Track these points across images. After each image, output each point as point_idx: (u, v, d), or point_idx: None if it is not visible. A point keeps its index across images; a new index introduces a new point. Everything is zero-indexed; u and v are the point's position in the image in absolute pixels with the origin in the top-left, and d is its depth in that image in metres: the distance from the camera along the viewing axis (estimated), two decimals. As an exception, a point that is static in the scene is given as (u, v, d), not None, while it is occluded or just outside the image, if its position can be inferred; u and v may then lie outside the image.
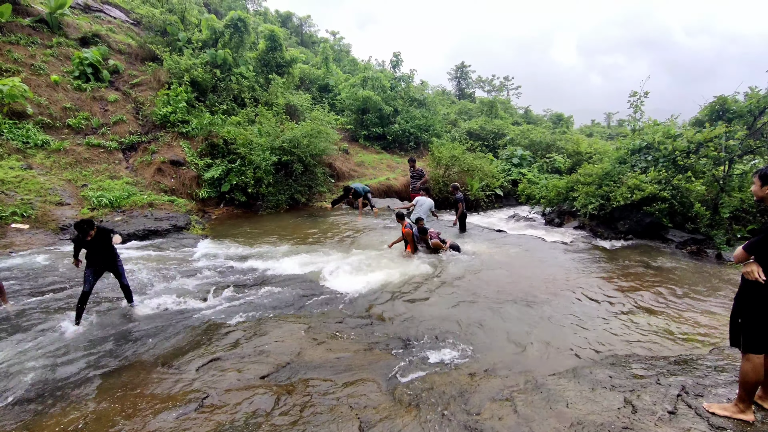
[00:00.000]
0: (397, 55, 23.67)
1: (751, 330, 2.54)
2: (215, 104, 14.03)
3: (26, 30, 12.59)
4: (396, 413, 2.95)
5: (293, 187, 12.73)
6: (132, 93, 13.14)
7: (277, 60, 17.03)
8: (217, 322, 4.65)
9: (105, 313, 4.92)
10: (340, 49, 32.70)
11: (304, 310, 5.15)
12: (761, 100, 9.36)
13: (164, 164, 11.53)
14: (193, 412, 2.96)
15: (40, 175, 9.44)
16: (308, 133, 12.86)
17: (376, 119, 20.21)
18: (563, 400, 3.02)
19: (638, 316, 5.16)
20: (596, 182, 10.74)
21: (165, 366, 3.68)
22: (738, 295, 2.67)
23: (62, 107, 11.39)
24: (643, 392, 3.05)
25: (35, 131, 10.45)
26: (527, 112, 38.54)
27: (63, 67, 12.37)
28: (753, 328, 2.54)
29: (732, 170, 9.75)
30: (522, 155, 18.43)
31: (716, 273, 7.30)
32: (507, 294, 5.82)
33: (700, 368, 3.47)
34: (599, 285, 6.38)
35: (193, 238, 9.01)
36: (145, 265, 6.94)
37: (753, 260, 2.55)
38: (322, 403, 3.09)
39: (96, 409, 3.04)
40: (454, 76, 44.27)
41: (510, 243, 8.93)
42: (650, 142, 10.60)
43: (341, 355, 3.91)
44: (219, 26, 15.21)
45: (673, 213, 9.52)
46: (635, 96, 11.79)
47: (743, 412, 2.59)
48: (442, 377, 3.50)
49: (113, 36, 14.79)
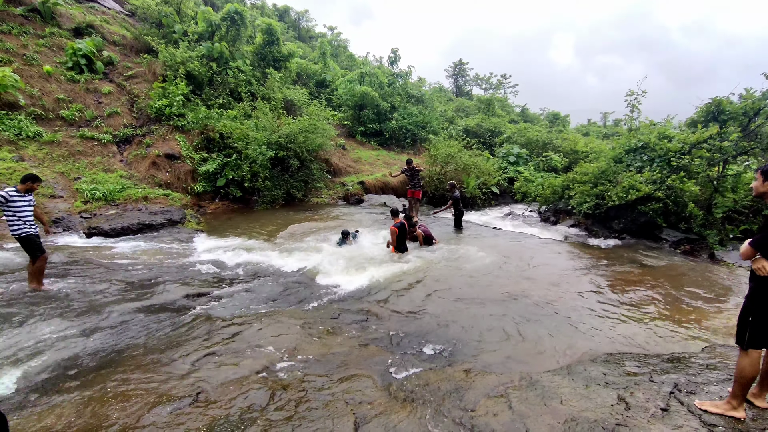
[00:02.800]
0: (395, 51, 23.61)
1: (760, 325, 2.52)
2: (211, 98, 13.91)
3: (18, 19, 12.38)
4: (391, 409, 2.95)
5: (289, 183, 12.68)
6: (126, 85, 12.99)
7: (275, 54, 16.91)
8: (212, 316, 4.63)
9: (99, 306, 4.87)
10: (337, 45, 32.54)
11: (299, 305, 5.14)
12: (756, 101, 9.43)
13: (159, 158, 11.42)
14: (187, 406, 2.94)
15: (32, 167, 9.31)
16: (305, 129, 12.80)
17: (373, 115, 20.16)
18: (558, 396, 3.04)
19: (632, 314, 5.20)
20: (592, 181, 10.79)
21: (159, 360, 3.66)
22: (750, 294, 2.63)
23: (55, 99, 11.23)
24: (637, 389, 3.07)
25: (27, 123, 10.30)
26: (524, 110, 38.63)
27: (56, 58, 12.18)
28: (762, 324, 2.51)
29: (726, 171, 9.84)
30: (519, 153, 18.47)
31: (709, 272, 7.38)
32: (502, 291, 5.83)
33: (693, 366, 3.50)
34: (593, 283, 6.42)
35: (188, 233, 8.94)
36: (138, 259, 6.89)
37: (760, 256, 2.53)
38: (318, 398, 3.08)
39: (89, 403, 3.01)
40: (451, 73, 44.26)
41: (505, 240, 8.96)
42: (646, 142, 10.66)
43: (337, 351, 3.91)
44: (216, 19, 15.06)
45: (668, 213, 9.60)
46: (632, 95, 11.84)
47: (735, 410, 2.62)
48: (437, 373, 3.51)
49: (108, 27, 14.58)
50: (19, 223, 5.04)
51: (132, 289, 5.41)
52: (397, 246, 7.56)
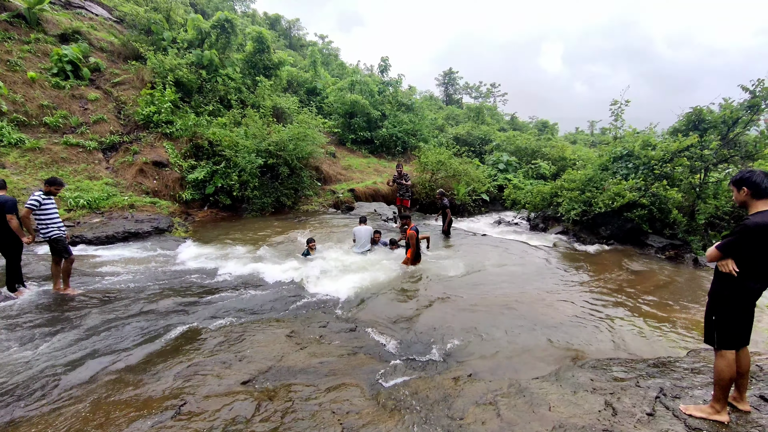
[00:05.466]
0: (385, 59, 23.81)
1: (724, 326, 2.60)
2: (201, 105, 13.82)
3: (2, 25, 12.18)
4: (379, 419, 2.91)
5: (279, 190, 12.60)
6: (114, 92, 12.83)
7: (265, 62, 16.91)
8: (197, 326, 4.53)
9: (76, 316, 4.74)
10: (328, 53, 32.74)
11: (287, 314, 5.07)
12: (734, 111, 9.72)
13: (146, 165, 11.26)
14: (169, 420, 2.86)
15: (13, 174, 9.10)
16: (295, 136, 12.77)
17: (363, 123, 20.24)
18: (546, 403, 3.03)
19: (618, 320, 5.25)
20: (579, 188, 10.96)
21: (141, 372, 3.56)
22: (711, 292, 2.72)
23: (39, 105, 11.03)
24: (623, 395, 3.09)
25: (9, 129, 10.08)
26: (513, 118, 39.22)
27: (41, 64, 12.00)
28: (726, 324, 2.59)
29: (707, 178, 10.09)
30: (508, 161, 18.69)
31: (693, 277, 7.51)
32: (490, 298, 5.85)
33: (678, 370, 3.54)
34: (581, 288, 6.48)
35: (175, 241, 8.80)
36: (123, 267, 6.75)
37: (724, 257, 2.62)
38: (304, 408, 3.03)
39: (66, 417, 2.91)
40: (441, 81, 44.81)
41: (494, 247, 9.01)
42: (630, 150, 10.89)
43: (324, 360, 3.86)
44: (205, 26, 15.03)
45: (653, 219, 9.78)
46: (616, 104, 12.10)
47: (719, 413, 2.65)
48: (425, 382, 3.48)
49: (95, 33, 14.44)
50: (51, 225, 5.32)
51: (114, 298, 5.29)
52: (414, 254, 7.03)
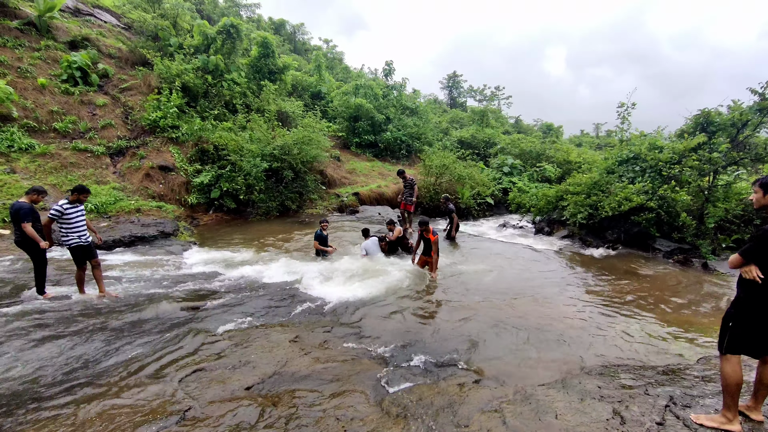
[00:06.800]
0: (389, 63, 23.92)
1: (738, 331, 2.56)
2: (206, 110, 13.95)
3: (14, 32, 12.42)
4: (383, 425, 2.89)
5: (284, 194, 12.65)
6: (121, 97, 13.00)
7: (270, 66, 17.05)
8: (202, 330, 4.54)
9: (84, 320, 4.77)
10: (333, 57, 32.91)
11: (291, 319, 5.07)
12: (744, 113, 9.60)
13: (153, 170, 11.37)
14: (174, 425, 2.86)
15: (23, 179, 9.23)
16: (300, 140, 12.84)
17: (368, 127, 20.29)
18: (552, 411, 2.99)
19: (626, 325, 5.18)
20: (585, 192, 10.87)
21: (146, 377, 3.57)
22: (734, 300, 2.68)
23: (49, 111, 11.20)
24: (632, 403, 3.03)
25: (20, 135, 10.24)
26: (518, 121, 39.15)
27: (51, 71, 12.20)
28: (740, 329, 2.55)
29: (717, 181, 9.95)
30: (512, 164, 18.62)
31: (703, 282, 7.39)
32: (496, 303, 5.80)
33: (688, 378, 3.47)
34: (587, 293, 6.41)
35: (181, 245, 8.85)
36: (129, 271, 6.79)
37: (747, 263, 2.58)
38: (308, 415, 3.01)
39: (71, 422, 2.92)
40: (446, 85, 44.87)
41: (499, 251, 8.95)
42: (637, 152, 10.79)
43: (328, 365, 3.84)
44: (211, 32, 15.20)
45: (660, 223, 9.66)
46: (623, 107, 12.03)
47: (730, 422, 2.58)
48: (430, 388, 3.45)
49: (103, 40, 14.66)
50: (70, 234, 5.29)
51: (119, 302, 5.32)
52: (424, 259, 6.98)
